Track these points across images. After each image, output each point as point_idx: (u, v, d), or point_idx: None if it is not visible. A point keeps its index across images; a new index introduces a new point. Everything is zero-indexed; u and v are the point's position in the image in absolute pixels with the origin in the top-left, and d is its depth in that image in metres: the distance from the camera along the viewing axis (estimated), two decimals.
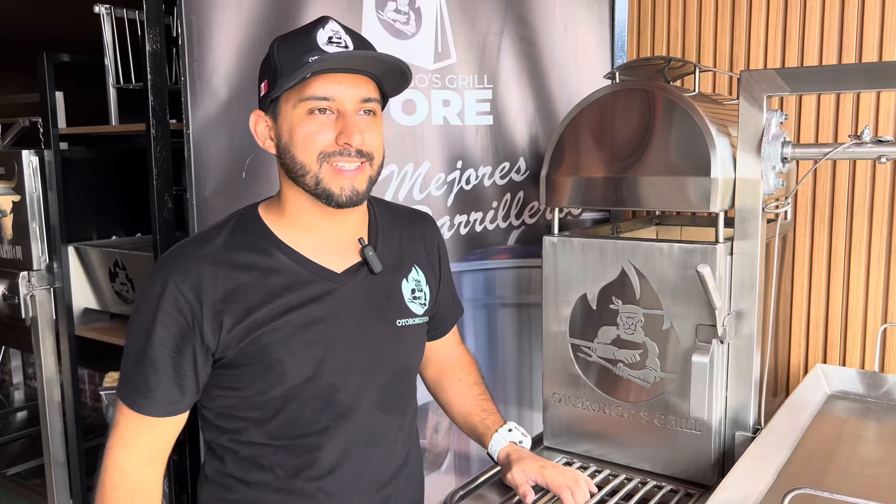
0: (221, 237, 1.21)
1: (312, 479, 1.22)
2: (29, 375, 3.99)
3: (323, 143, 1.15)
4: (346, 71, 1.15)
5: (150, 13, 1.82)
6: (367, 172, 1.19)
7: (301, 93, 1.14)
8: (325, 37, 1.15)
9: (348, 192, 1.16)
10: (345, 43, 1.16)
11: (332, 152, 1.15)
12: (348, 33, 1.18)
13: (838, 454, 1.36)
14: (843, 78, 1.34)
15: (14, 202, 2.64)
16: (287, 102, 1.16)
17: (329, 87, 1.14)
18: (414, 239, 1.37)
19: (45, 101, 2.61)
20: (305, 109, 1.14)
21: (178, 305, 1.14)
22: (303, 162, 1.16)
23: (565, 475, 1.33)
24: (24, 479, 3.11)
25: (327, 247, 1.24)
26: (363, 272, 1.26)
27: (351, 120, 1.15)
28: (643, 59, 1.79)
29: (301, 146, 1.15)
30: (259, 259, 1.19)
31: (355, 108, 1.16)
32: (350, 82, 1.16)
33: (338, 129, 1.14)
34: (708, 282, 1.28)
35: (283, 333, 1.17)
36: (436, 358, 1.50)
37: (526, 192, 1.99)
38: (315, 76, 1.14)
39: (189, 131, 1.67)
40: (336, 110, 1.15)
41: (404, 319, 1.30)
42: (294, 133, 1.16)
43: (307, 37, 1.15)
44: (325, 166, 1.15)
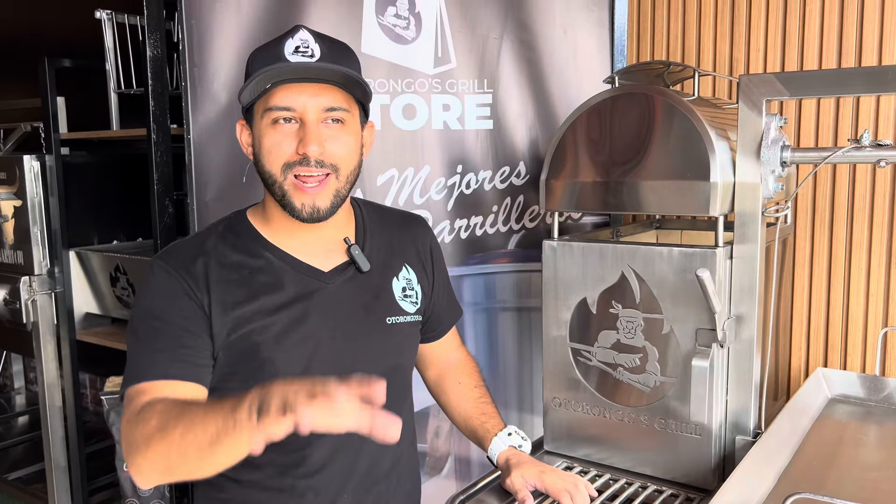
0: (212, 238, 1.24)
1: (302, 478, 1.23)
2: (30, 380, 4.00)
3: (285, 153, 1.16)
4: (310, 80, 1.16)
5: (151, 18, 1.82)
6: (333, 185, 1.19)
7: (266, 103, 1.17)
8: (293, 46, 1.16)
9: (308, 209, 1.18)
10: (311, 52, 1.16)
11: (293, 162, 1.16)
12: (318, 41, 1.18)
13: (839, 458, 1.36)
14: (843, 82, 1.34)
15: (15, 207, 2.65)
16: (257, 112, 1.19)
17: (290, 97, 1.15)
18: (404, 240, 1.39)
19: (47, 105, 2.62)
20: (270, 119, 1.17)
21: (183, 288, 1.16)
22: (270, 171, 1.18)
23: (565, 480, 1.32)
24: (26, 484, 3.11)
25: (313, 248, 1.26)
26: (350, 271, 1.27)
27: (311, 129, 1.15)
28: (643, 64, 1.79)
29: (267, 156, 1.18)
30: (247, 258, 1.22)
31: (319, 118, 1.17)
32: (312, 91, 1.16)
33: (298, 139, 1.16)
34: (708, 286, 1.28)
35: (272, 332, 1.19)
36: (436, 360, 1.50)
37: (526, 196, 1.99)
38: (278, 86, 1.15)
39: (190, 136, 1.67)
40: (299, 119, 1.16)
41: (395, 317, 1.31)
42: (262, 143, 1.18)
43: (276, 47, 1.17)
44: (290, 178, 1.17)
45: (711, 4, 1.94)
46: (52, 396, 2.72)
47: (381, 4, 1.78)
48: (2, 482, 3.16)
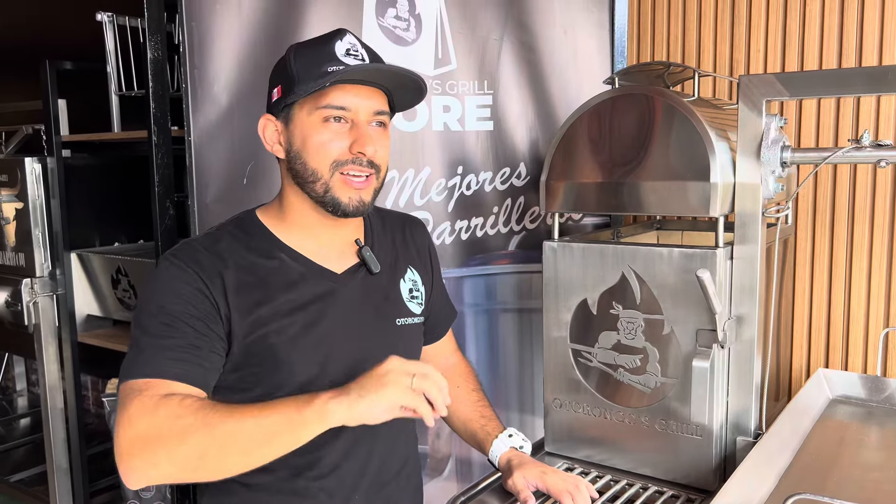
0: (225, 239, 1.22)
1: (315, 479, 1.23)
2: (32, 382, 4.00)
3: (336, 151, 1.17)
4: (363, 83, 1.18)
5: (152, 21, 1.82)
6: (374, 184, 1.21)
7: (318, 101, 1.16)
8: (343, 48, 1.17)
9: (356, 202, 1.19)
10: (362, 56, 1.18)
11: (344, 161, 1.17)
12: (364, 46, 1.21)
13: (840, 459, 1.36)
14: (843, 82, 1.34)
15: (17, 209, 2.65)
16: (301, 109, 1.18)
17: (347, 97, 1.16)
18: (406, 242, 1.40)
19: (48, 108, 2.62)
20: (321, 117, 1.16)
21: (196, 285, 1.14)
22: (315, 168, 1.18)
23: (566, 480, 1.33)
24: (28, 486, 3.11)
25: (326, 249, 1.26)
26: (362, 272, 1.28)
27: (365, 130, 1.18)
28: (643, 65, 1.79)
29: (314, 153, 1.17)
30: (262, 259, 1.21)
31: (368, 120, 1.19)
32: (366, 94, 1.18)
33: (352, 139, 1.17)
34: (708, 286, 1.28)
35: (290, 333, 1.18)
36: (433, 362, 1.50)
37: (526, 197, 1.99)
38: (333, 86, 1.16)
39: (190, 138, 1.68)
40: (350, 120, 1.18)
41: (404, 319, 1.32)
42: (308, 140, 1.17)
43: (325, 47, 1.17)
44: (337, 175, 1.18)
45: (711, 5, 1.94)
46: (54, 398, 2.72)
47: (381, 6, 1.78)
48: (4, 484, 3.16)
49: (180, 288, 1.13)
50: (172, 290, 1.13)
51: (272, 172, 1.72)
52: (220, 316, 1.15)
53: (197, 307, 1.13)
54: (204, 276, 1.15)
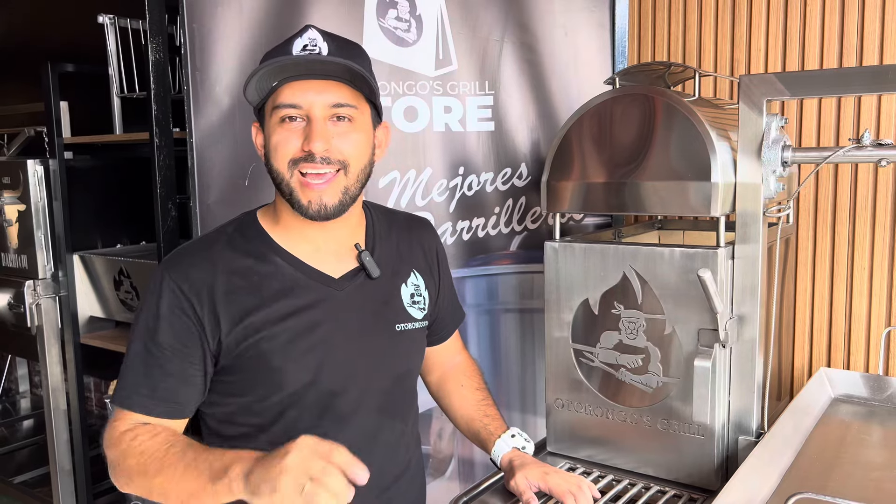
0: (220, 242, 1.22)
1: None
2: (35, 384, 4.01)
3: (291, 150, 1.15)
4: (315, 77, 1.15)
5: (153, 23, 1.83)
6: (341, 182, 1.18)
7: (273, 101, 1.16)
8: (301, 45, 1.15)
9: (315, 206, 1.16)
10: (318, 50, 1.15)
11: (298, 158, 1.15)
12: (327, 39, 1.17)
13: (842, 458, 1.35)
14: (844, 82, 1.34)
15: (19, 211, 2.66)
16: (267, 112, 1.18)
17: (296, 94, 1.15)
18: (412, 244, 1.38)
19: (50, 110, 2.63)
20: (278, 118, 1.16)
21: (181, 306, 1.15)
22: (277, 169, 1.17)
23: (568, 481, 1.32)
24: (31, 487, 3.11)
25: (323, 252, 1.24)
26: (360, 277, 1.26)
27: (316, 126, 1.14)
28: (643, 65, 1.79)
29: (274, 154, 1.17)
30: (257, 264, 1.20)
31: (325, 115, 1.15)
32: (318, 88, 1.15)
33: (304, 136, 1.15)
34: (709, 286, 1.28)
35: (282, 339, 1.18)
36: (438, 363, 1.50)
37: (528, 197, 1.99)
38: (285, 84, 1.15)
39: (192, 139, 1.68)
40: (305, 116, 1.15)
41: (403, 324, 1.31)
42: (270, 142, 1.18)
43: (284, 46, 1.16)
44: (296, 175, 1.16)
45: (712, 5, 1.94)
46: (57, 400, 2.72)
47: (381, 7, 1.78)
48: (7, 485, 3.17)
49: (165, 310, 1.15)
50: (160, 315, 1.15)
51: None
52: (206, 334, 1.16)
53: (179, 329, 1.15)
54: (192, 293, 1.15)
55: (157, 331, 1.15)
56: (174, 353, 1.15)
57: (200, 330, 1.15)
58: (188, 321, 1.15)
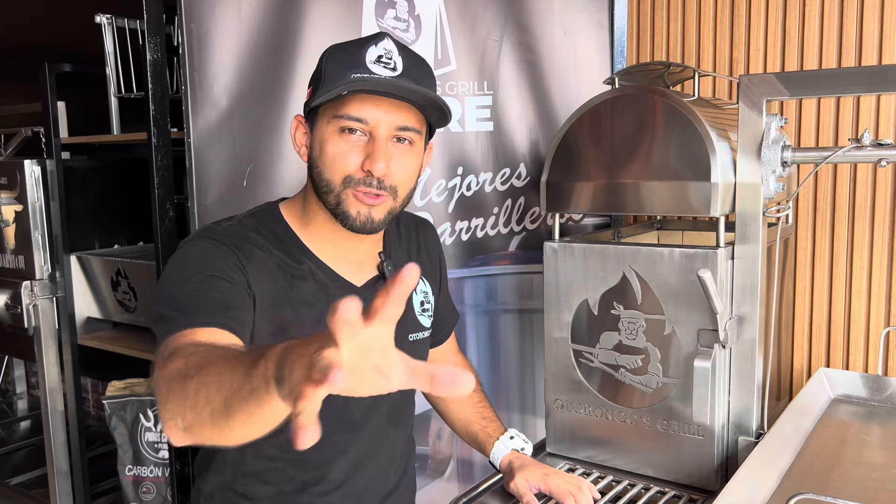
0: (252, 230, 1.17)
1: (321, 495, 1.22)
2: (32, 385, 4.00)
3: (349, 166, 1.11)
4: (388, 95, 1.11)
5: (151, 22, 1.82)
6: (389, 204, 1.15)
7: (337, 109, 1.11)
8: (375, 55, 1.11)
9: (363, 218, 1.13)
10: (393, 65, 1.11)
11: (356, 178, 1.11)
12: (402, 54, 1.13)
13: (842, 458, 1.35)
14: (843, 81, 1.34)
15: (16, 212, 2.65)
16: (323, 115, 1.13)
17: (365, 108, 1.10)
18: (420, 249, 1.37)
19: (47, 110, 2.62)
20: (338, 127, 1.11)
21: (235, 262, 1.09)
22: (328, 179, 1.13)
23: (568, 482, 1.33)
24: (28, 489, 3.11)
25: (347, 259, 1.22)
26: (380, 286, 1.24)
27: (379, 145, 1.10)
28: (643, 65, 1.79)
29: (328, 164, 1.12)
30: (289, 263, 1.17)
31: (389, 135, 1.12)
32: (387, 107, 1.11)
33: (365, 153, 1.11)
34: (709, 286, 1.28)
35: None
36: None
37: (527, 197, 1.99)
38: (354, 94, 1.09)
39: (190, 140, 1.67)
40: (369, 133, 1.11)
41: (415, 334, 1.30)
42: (324, 149, 1.13)
43: (357, 51, 1.11)
44: (348, 191, 1.12)
45: (711, 5, 1.94)
46: (54, 401, 2.71)
47: (380, 7, 1.78)
48: (4, 487, 3.16)
49: (219, 257, 1.08)
50: (210, 258, 1.08)
51: (272, 174, 1.71)
52: (252, 296, 1.10)
53: (235, 278, 1.08)
54: (241, 255, 1.10)
55: (216, 268, 1.06)
56: (235, 293, 1.05)
57: (248, 288, 1.09)
58: (242, 276, 1.08)
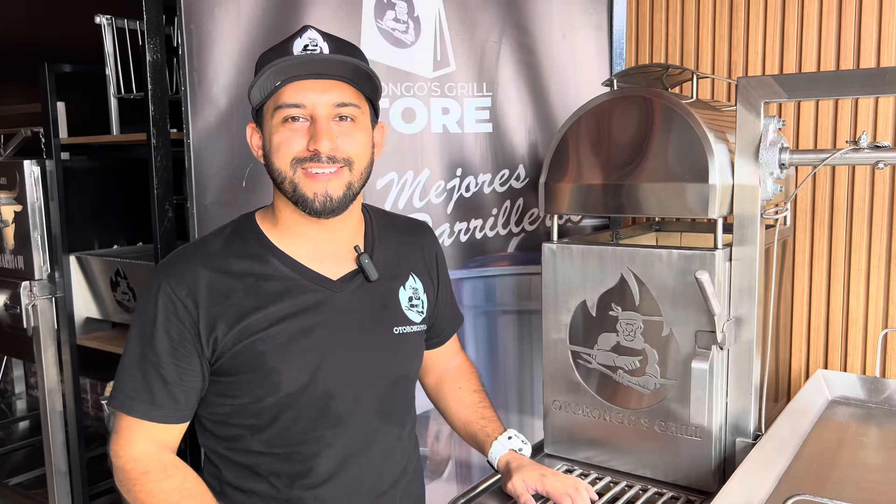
0: (218, 244, 1.22)
1: (308, 488, 1.22)
2: (31, 385, 4.00)
3: (295, 149, 1.15)
4: (318, 77, 1.15)
5: (151, 23, 1.82)
6: (346, 177, 1.18)
7: (276, 102, 1.16)
8: (301, 45, 1.15)
9: (321, 198, 1.16)
10: (319, 49, 1.15)
11: (303, 158, 1.15)
12: (327, 40, 1.17)
13: (839, 460, 1.36)
14: (841, 84, 1.34)
15: (16, 212, 2.65)
16: (267, 113, 1.18)
17: (299, 93, 1.15)
18: (412, 248, 1.38)
19: (47, 111, 2.62)
20: (280, 118, 1.16)
21: (177, 311, 1.15)
22: (279, 168, 1.17)
23: (566, 483, 1.32)
24: (27, 489, 3.11)
25: (322, 254, 1.24)
26: (359, 280, 1.26)
27: (321, 125, 1.15)
28: (641, 67, 1.79)
29: (276, 154, 1.17)
30: (254, 266, 1.20)
31: (329, 114, 1.16)
32: (322, 88, 1.15)
33: (309, 135, 1.15)
34: (707, 288, 1.28)
35: (279, 341, 1.17)
36: (436, 366, 1.50)
37: (525, 199, 1.99)
38: (287, 84, 1.14)
39: (189, 140, 1.68)
40: (309, 116, 1.15)
41: (401, 327, 1.30)
42: (272, 141, 1.17)
43: (284, 46, 1.16)
44: (299, 171, 1.16)
45: (710, 7, 1.94)
46: (53, 401, 2.71)
47: (380, 9, 1.78)
48: (3, 487, 3.16)
49: (161, 315, 1.15)
50: (155, 321, 1.15)
51: None
52: (201, 339, 1.16)
53: (174, 337, 1.15)
54: (188, 298, 1.15)
55: (153, 337, 1.15)
56: (170, 359, 1.15)
57: (195, 336, 1.16)
58: (183, 328, 1.15)
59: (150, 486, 1.13)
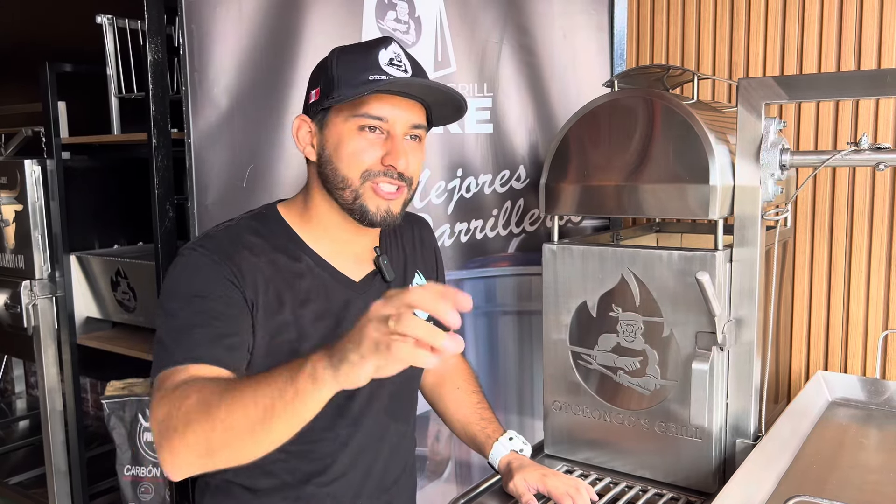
0: (249, 232, 1.20)
1: (323, 485, 1.23)
2: (31, 385, 4.00)
3: (369, 161, 1.16)
4: (404, 95, 1.17)
5: (152, 23, 1.83)
6: (405, 195, 1.20)
7: (355, 108, 1.15)
8: (387, 58, 1.16)
9: (384, 212, 1.18)
10: (405, 67, 1.17)
11: (376, 172, 1.16)
12: (408, 58, 1.19)
13: (839, 461, 1.36)
14: (842, 85, 1.34)
15: (16, 211, 2.65)
16: (338, 115, 1.17)
17: (385, 108, 1.15)
18: (415, 244, 1.39)
19: (48, 110, 2.62)
20: (356, 125, 1.15)
21: (226, 275, 1.12)
22: (345, 175, 1.16)
23: (566, 483, 1.33)
24: (26, 489, 3.11)
25: (345, 254, 1.25)
26: (377, 280, 1.27)
27: (399, 143, 1.16)
28: (642, 68, 1.79)
29: (346, 160, 1.16)
30: (287, 261, 1.19)
31: (404, 132, 1.18)
32: (404, 106, 1.17)
33: (385, 150, 1.16)
34: (707, 289, 1.28)
35: (313, 342, 1.17)
36: (436, 367, 1.50)
37: (526, 199, 1.99)
38: (372, 95, 1.14)
39: (190, 140, 1.68)
40: (386, 131, 1.16)
41: None
42: (341, 146, 1.16)
43: (369, 54, 1.16)
44: (367, 184, 1.16)
45: (711, 8, 1.94)
46: (53, 401, 2.71)
47: (381, 9, 1.78)
48: (2, 486, 3.16)
49: (210, 275, 1.11)
50: (202, 277, 1.11)
51: (272, 175, 1.72)
52: (249, 307, 1.13)
53: (230, 295, 1.11)
54: (233, 266, 1.13)
55: (209, 293, 1.10)
56: (228, 315, 1.10)
57: (245, 300, 1.12)
58: (236, 291, 1.12)
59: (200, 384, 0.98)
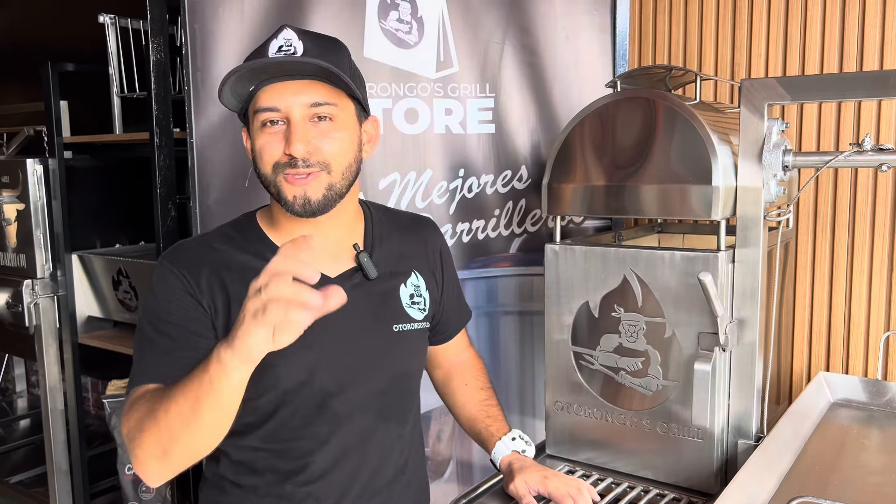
0: (218, 239, 1.24)
1: (302, 485, 1.22)
2: (32, 384, 4.00)
3: (276, 154, 1.15)
4: (292, 78, 1.14)
5: (154, 23, 1.83)
6: (325, 180, 1.17)
7: (254, 105, 1.16)
8: (276, 46, 1.14)
9: (300, 200, 1.16)
10: (294, 49, 1.13)
11: (282, 163, 1.15)
12: (303, 38, 1.15)
13: (841, 462, 1.36)
14: (844, 86, 1.34)
15: (18, 210, 2.66)
16: (250, 117, 1.18)
17: (273, 96, 1.14)
18: (415, 244, 1.38)
19: (50, 109, 2.62)
20: (259, 122, 1.16)
21: (187, 289, 1.17)
22: (263, 173, 1.18)
23: (568, 484, 1.32)
24: (28, 487, 3.11)
25: (320, 252, 1.22)
26: (357, 277, 1.26)
27: (296, 128, 1.13)
28: (644, 68, 1.79)
29: (259, 159, 1.18)
30: (253, 260, 1.20)
31: (305, 115, 1.14)
32: (296, 88, 1.14)
33: (286, 139, 1.14)
34: (710, 290, 1.28)
35: None
36: (443, 361, 1.50)
37: (528, 200, 1.99)
38: (263, 87, 1.14)
39: (192, 140, 1.68)
40: (286, 119, 1.14)
41: (402, 325, 1.30)
42: (254, 146, 1.18)
43: (261, 50, 1.16)
44: (279, 177, 1.16)
45: (713, 9, 1.94)
46: (54, 400, 2.72)
47: (383, 9, 1.78)
48: (3, 485, 3.16)
49: (170, 291, 1.17)
50: (163, 295, 1.17)
51: None
52: (209, 313, 1.17)
53: (187, 308, 1.16)
54: (191, 278, 1.17)
55: (167, 312, 1.15)
56: (187, 330, 1.15)
57: (205, 312, 1.17)
58: (193, 301, 1.16)
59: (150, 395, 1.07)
